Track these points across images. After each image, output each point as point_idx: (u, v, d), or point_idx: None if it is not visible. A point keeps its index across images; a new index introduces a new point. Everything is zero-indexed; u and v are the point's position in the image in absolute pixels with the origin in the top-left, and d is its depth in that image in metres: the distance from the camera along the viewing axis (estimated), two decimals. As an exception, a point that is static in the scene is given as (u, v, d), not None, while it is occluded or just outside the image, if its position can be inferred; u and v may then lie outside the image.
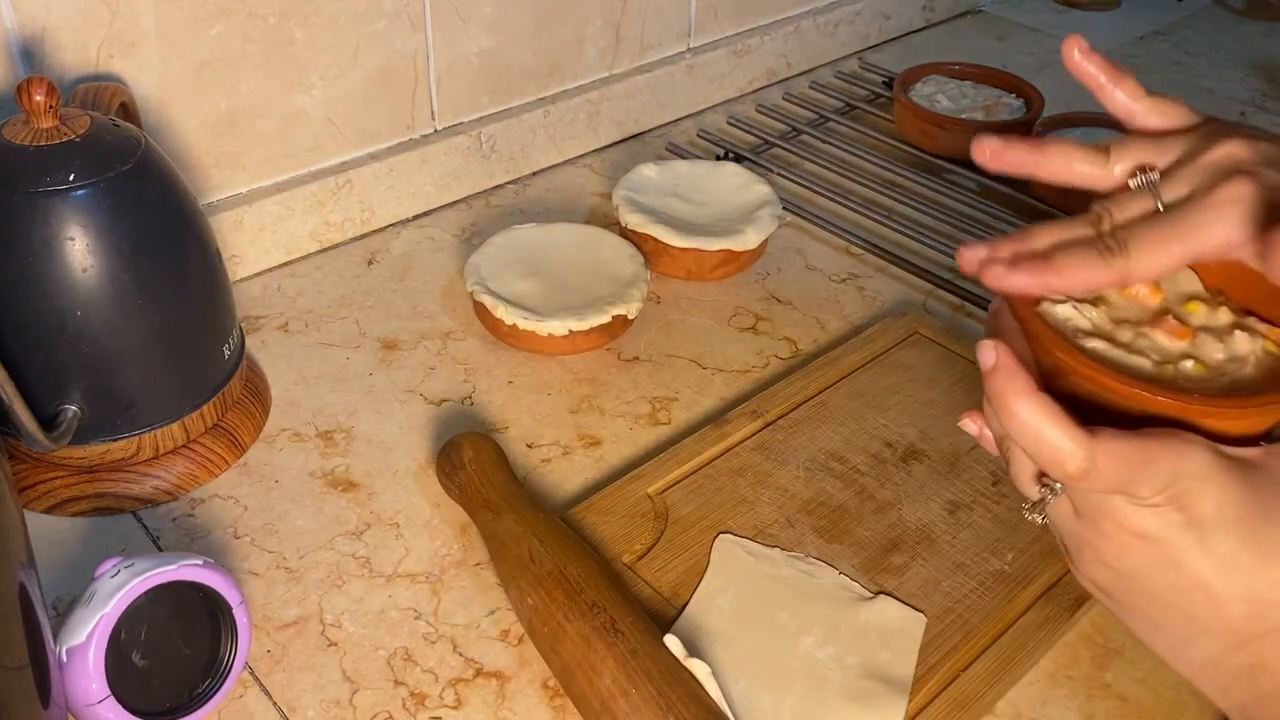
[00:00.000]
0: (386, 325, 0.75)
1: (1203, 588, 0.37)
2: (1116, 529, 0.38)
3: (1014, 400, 0.37)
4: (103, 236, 0.54)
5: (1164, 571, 0.37)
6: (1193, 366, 0.41)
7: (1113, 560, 0.39)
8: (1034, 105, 0.95)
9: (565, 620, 0.50)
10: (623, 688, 0.47)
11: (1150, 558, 0.37)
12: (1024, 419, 0.37)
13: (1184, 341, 0.42)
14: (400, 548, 0.59)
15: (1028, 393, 0.37)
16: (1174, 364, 0.41)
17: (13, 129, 0.55)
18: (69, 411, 0.56)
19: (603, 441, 0.66)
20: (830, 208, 0.89)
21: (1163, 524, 0.37)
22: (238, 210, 0.76)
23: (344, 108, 0.80)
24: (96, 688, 0.45)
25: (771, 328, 0.76)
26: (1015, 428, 0.37)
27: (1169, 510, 0.37)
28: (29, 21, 0.63)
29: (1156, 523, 0.37)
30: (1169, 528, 0.37)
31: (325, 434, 0.66)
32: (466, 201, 0.89)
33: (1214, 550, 0.36)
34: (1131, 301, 0.43)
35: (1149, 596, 0.38)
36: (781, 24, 1.09)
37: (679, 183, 0.84)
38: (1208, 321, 0.43)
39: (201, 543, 0.59)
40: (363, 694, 0.51)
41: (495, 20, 0.85)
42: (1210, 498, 0.36)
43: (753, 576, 0.56)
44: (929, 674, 0.52)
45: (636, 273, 0.74)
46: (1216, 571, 0.36)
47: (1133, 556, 0.38)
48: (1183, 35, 1.26)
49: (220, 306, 0.62)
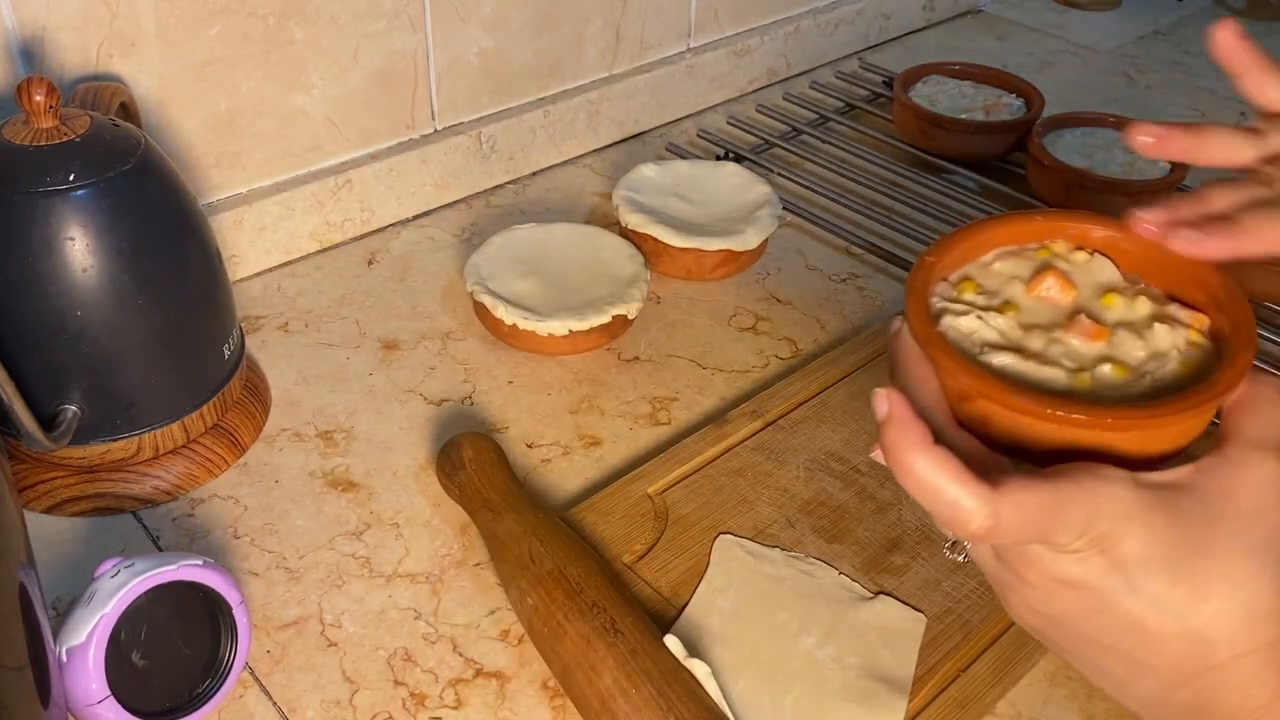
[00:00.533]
0: (386, 325, 0.75)
1: (1136, 629, 0.35)
2: (1039, 576, 0.35)
3: (907, 454, 0.34)
4: (103, 236, 0.54)
5: (1094, 616, 0.35)
6: (1111, 370, 0.38)
7: (1040, 606, 0.37)
8: (1034, 105, 0.95)
9: (565, 620, 0.50)
10: (623, 688, 0.47)
11: (1079, 604, 0.35)
12: (918, 475, 0.34)
13: (1100, 343, 0.39)
14: (400, 548, 0.59)
15: (922, 447, 0.34)
16: (1090, 370, 0.38)
17: (13, 129, 0.55)
18: (69, 411, 0.56)
19: (603, 441, 0.66)
20: (830, 208, 0.89)
21: (1086, 570, 0.34)
22: (238, 210, 0.76)
23: (344, 108, 0.80)
24: (96, 688, 0.45)
25: (771, 328, 0.76)
26: (912, 484, 0.34)
27: (1091, 555, 0.34)
28: (29, 21, 0.63)
29: (1080, 569, 0.34)
30: (1093, 573, 0.34)
31: (325, 434, 0.66)
32: (466, 201, 0.89)
33: (1143, 591, 0.34)
34: (1041, 302, 0.40)
35: (1083, 640, 0.36)
36: (781, 24, 1.09)
37: (679, 183, 0.84)
38: (1125, 315, 0.40)
39: (201, 543, 0.59)
40: (363, 694, 0.51)
41: (495, 20, 0.85)
42: (1134, 537, 0.34)
43: (753, 576, 0.56)
44: (929, 674, 0.52)
45: (636, 273, 0.74)
46: (1149, 613, 0.34)
47: (1060, 603, 0.36)
48: (1183, 35, 1.26)
49: (220, 306, 0.62)
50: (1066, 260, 0.42)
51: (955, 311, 0.39)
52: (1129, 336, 0.39)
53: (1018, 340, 0.38)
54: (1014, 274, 0.41)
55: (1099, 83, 1.14)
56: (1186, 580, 0.34)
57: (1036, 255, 0.42)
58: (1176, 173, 0.85)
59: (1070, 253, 0.42)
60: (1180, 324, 0.39)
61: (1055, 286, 0.40)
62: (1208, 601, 0.34)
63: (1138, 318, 0.40)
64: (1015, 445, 0.37)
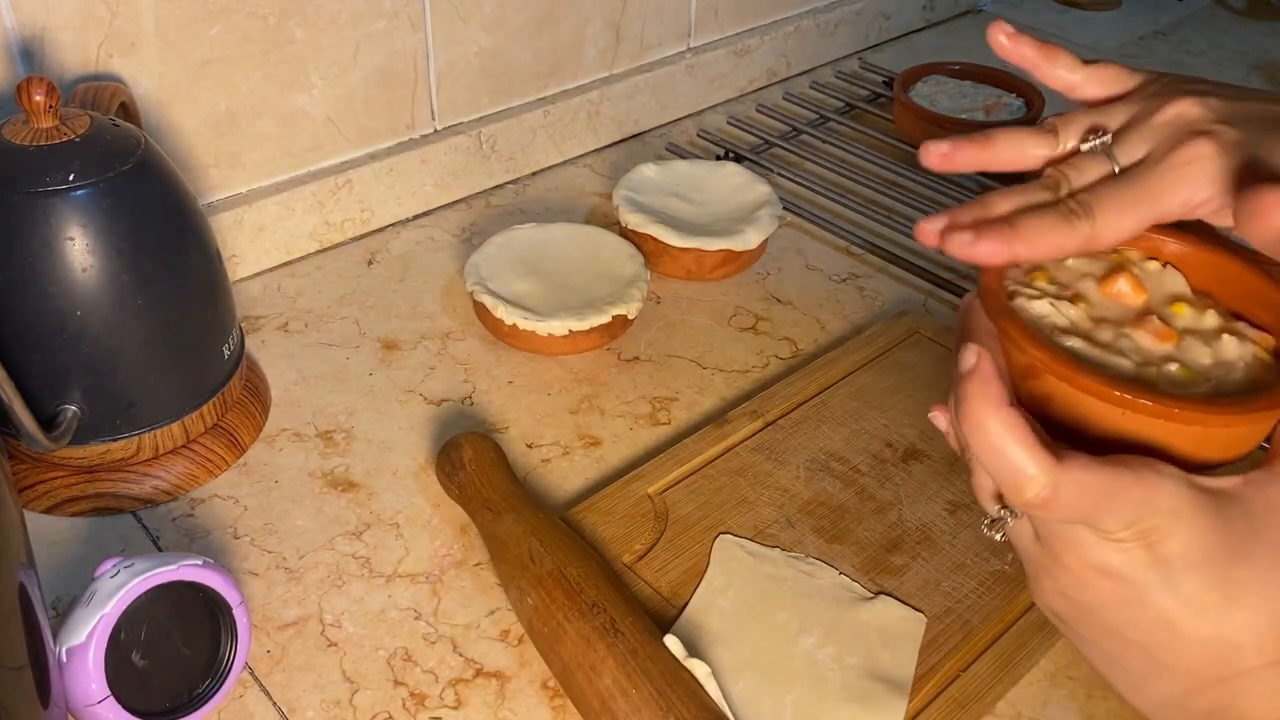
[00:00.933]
0: (386, 325, 0.75)
1: (1166, 627, 0.35)
2: (1078, 562, 0.36)
3: (981, 409, 0.35)
4: (103, 236, 0.54)
5: (1126, 609, 0.36)
6: (1177, 370, 0.38)
7: (1072, 592, 0.37)
8: (1034, 105, 0.95)
9: (565, 620, 0.50)
10: (623, 688, 0.47)
11: (1112, 594, 0.36)
12: (988, 431, 0.34)
13: (1168, 344, 0.39)
14: (400, 548, 0.59)
15: (998, 405, 0.35)
16: (1156, 366, 0.38)
17: (12, 129, 0.55)
18: (69, 411, 0.56)
19: (603, 441, 0.66)
20: (830, 208, 0.89)
21: (1127, 560, 0.35)
22: (238, 210, 0.76)
23: (344, 107, 0.80)
24: (96, 688, 0.45)
25: (771, 328, 0.76)
26: (978, 440, 0.35)
27: (1135, 547, 0.34)
28: (29, 21, 0.63)
29: (1121, 559, 0.35)
30: (1134, 565, 0.35)
31: (325, 434, 0.66)
32: (466, 201, 0.89)
33: (1180, 590, 0.34)
34: (1113, 300, 0.41)
35: (1108, 632, 0.37)
36: (781, 24, 1.09)
37: (679, 183, 0.84)
38: (1193, 324, 0.41)
39: (201, 543, 0.59)
40: (363, 694, 0.51)
41: (495, 20, 0.85)
42: (1179, 535, 0.34)
43: (753, 576, 0.56)
44: (929, 674, 0.52)
45: (636, 273, 0.74)
46: (1182, 612, 0.35)
47: (1093, 591, 0.36)
48: (1183, 35, 1.26)
49: (220, 306, 0.62)
50: (1139, 267, 0.42)
51: (1028, 295, 0.40)
52: (1196, 343, 0.40)
53: (1088, 330, 0.39)
54: (1087, 271, 0.42)
55: (1099, 83, 1.14)
56: (1224, 585, 0.34)
57: (1110, 258, 0.43)
58: None
59: (1143, 261, 0.43)
60: (1248, 339, 0.40)
61: (1128, 287, 0.41)
62: (1241, 609, 0.34)
63: (1206, 328, 0.40)
64: (1074, 427, 0.37)
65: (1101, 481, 0.34)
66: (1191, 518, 0.34)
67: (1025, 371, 0.38)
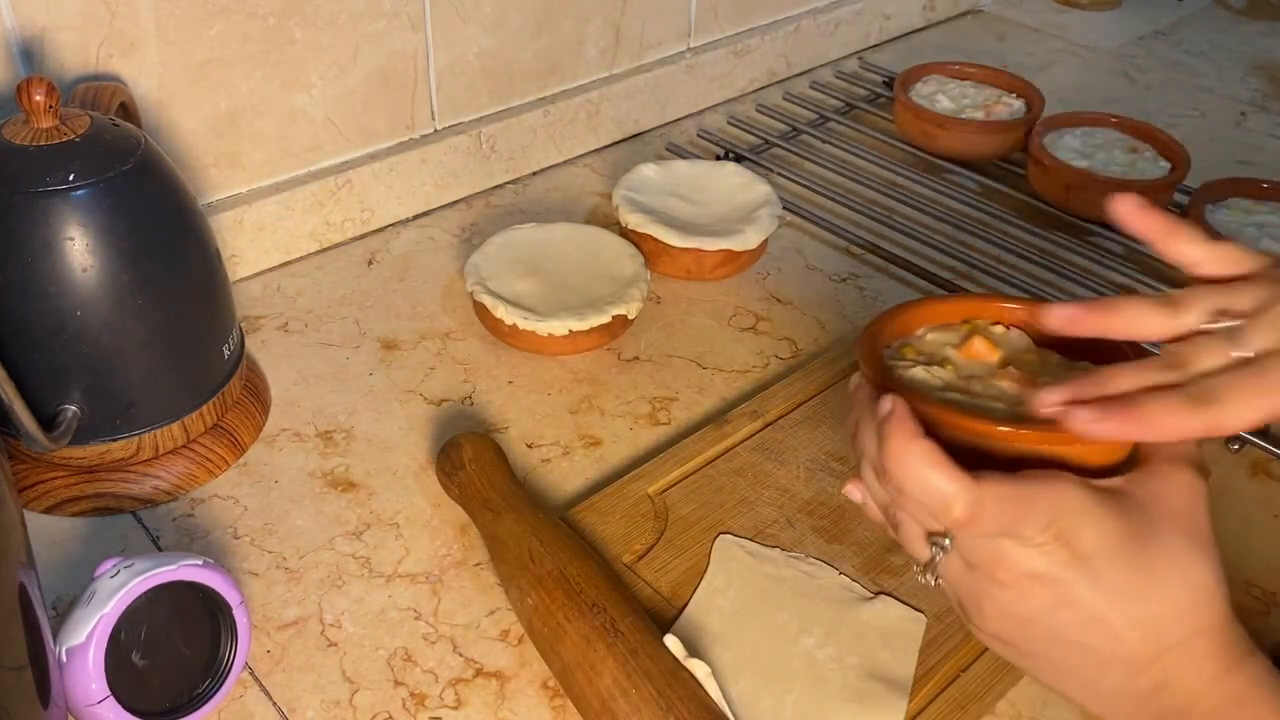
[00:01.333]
0: (386, 325, 0.75)
1: (1098, 619, 0.38)
2: (1010, 574, 0.39)
3: (903, 443, 0.39)
4: (103, 236, 0.54)
5: (1062, 610, 0.39)
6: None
7: (1013, 608, 0.39)
8: (1034, 105, 0.95)
9: (565, 620, 0.50)
10: (623, 688, 0.47)
11: (1047, 598, 0.39)
12: (912, 461, 0.38)
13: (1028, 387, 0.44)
14: (400, 548, 0.59)
15: (916, 437, 0.39)
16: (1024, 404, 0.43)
17: (12, 129, 0.55)
18: (69, 411, 0.56)
19: (603, 441, 0.66)
20: (830, 208, 0.89)
21: (1051, 561, 0.38)
22: (237, 210, 0.76)
23: (344, 107, 0.80)
24: (96, 688, 0.45)
25: (771, 328, 0.76)
26: (904, 470, 0.39)
27: (1055, 547, 0.38)
28: (29, 21, 0.63)
29: (1045, 560, 0.38)
30: (1058, 565, 0.38)
31: (325, 434, 0.66)
32: (466, 201, 0.89)
33: (1102, 580, 0.38)
34: (973, 360, 0.47)
35: (1053, 638, 0.39)
36: (781, 24, 1.09)
37: (679, 183, 0.84)
38: (1045, 368, 0.46)
39: (201, 543, 0.59)
40: (363, 694, 0.51)
41: (495, 20, 0.85)
42: (1090, 530, 0.38)
43: (753, 576, 0.56)
44: (929, 674, 0.52)
45: (636, 273, 0.74)
46: (1109, 601, 0.38)
47: (1031, 600, 0.39)
48: (1183, 35, 1.26)
49: (220, 306, 0.62)
50: (988, 331, 0.49)
51: (903, 367, 0.46)
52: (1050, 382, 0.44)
53: (961, 386, 0.45)
54: (945, 341, 0.48)
55: (1099, 83, 1.14)
56: (1138, 569, 0.38)
57: (961, 328, 0.49)
58: (1176, 173, 0.85)
59: (990, 326, 0.49)
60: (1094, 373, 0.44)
61: (983, 347, 0.47)
62: (1158, 586, 0.38)
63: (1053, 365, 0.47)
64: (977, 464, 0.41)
65: (1015, 491, 0.38)
66: (1096, 514, 0.38)
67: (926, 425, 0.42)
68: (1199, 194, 0.82)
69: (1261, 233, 0.78)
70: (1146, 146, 0.89)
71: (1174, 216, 0.45)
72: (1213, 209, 0.82)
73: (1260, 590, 0.57)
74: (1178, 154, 0.87)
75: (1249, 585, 0.58)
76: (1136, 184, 0.83)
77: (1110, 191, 0.46)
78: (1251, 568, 0.59)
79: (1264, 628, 0.55)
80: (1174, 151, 0.87)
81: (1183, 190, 0.87)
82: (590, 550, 0.54)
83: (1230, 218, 0.81)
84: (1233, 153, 1.00)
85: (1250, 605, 0.56)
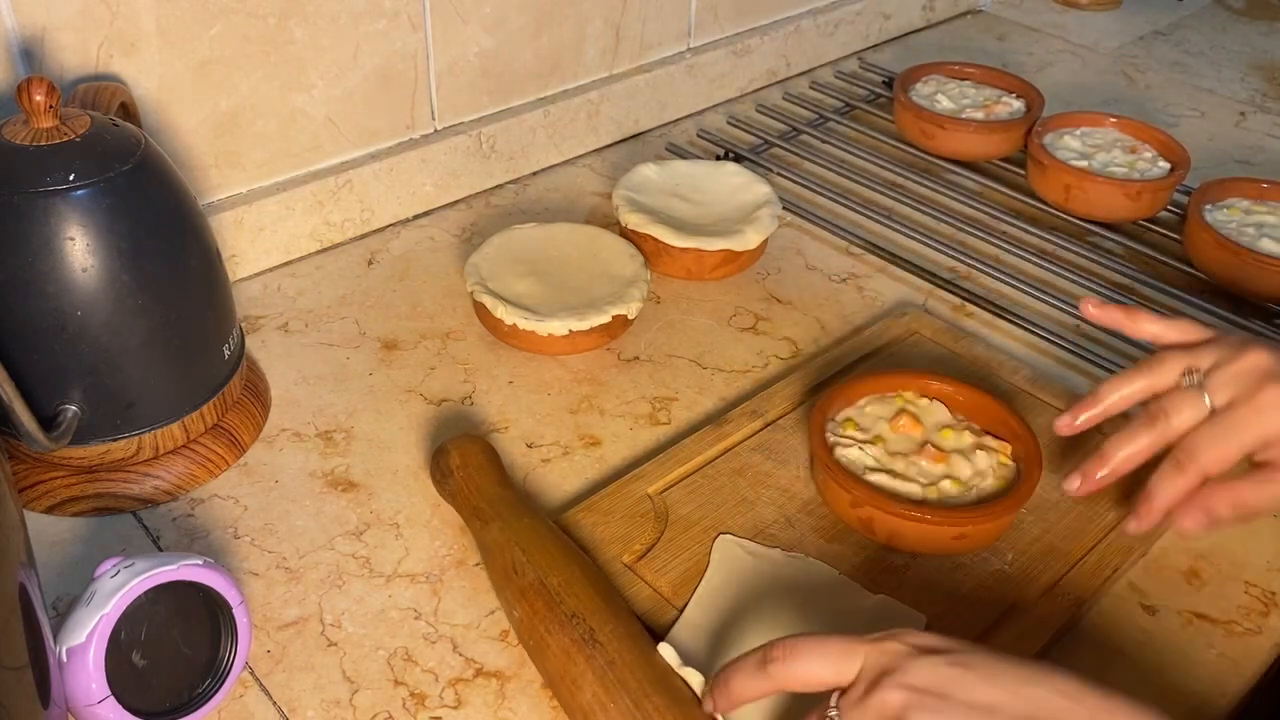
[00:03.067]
0: (386, 325, 0.75)
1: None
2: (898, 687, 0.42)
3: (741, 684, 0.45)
4: (103, 236, 0.54)
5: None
6: (950, 484, 0.58)
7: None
8: (1034, 105, 0.95)
9: (547, 633, 0.50)
10: (601, 702, 0.46)
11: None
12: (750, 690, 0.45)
13: (942, 464, 0.59)
14: (400, 548, 0.59)
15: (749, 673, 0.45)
16: (937, 484, 0.58)
17: (13, 129, 0.55)
18: (69, 411, 0.56)
19: (603, 441, 0.66)
20: (830, 208, 0.89)
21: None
22: (238, 210, 0.76)
23: (344, 108, 0.80)
24: (96, 688, 0.45)
25: (771, 328, 0.76)
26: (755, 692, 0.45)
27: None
28: (29, 21, 0.63)
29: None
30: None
31: (325, 434, 0.66)
32: (466, 201, 0.89)
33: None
34: (900, 434, 0.61)
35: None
36: (781, 24, 1.09)
37: (679, 183, 0.85)
38: (956, 444, 0.60)
39: (201, 543, 0.59)
40: (363, 694, 0.51)
41: (495, 20, 0.85)
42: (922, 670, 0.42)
43: (753, 576, 0.56)
44: (929, 674, 0.52)
45: (636, 273, 0.74)
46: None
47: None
48: (1183, 35, 1.26)
49: (220, 306, 0.62)
50: (914, 405, 0.63)
51: (844, 445, 0.60)
52: (960, 460, 0.59)
53: (887, 464, 0.59)
54: (880, 415, 0.62)
55: (1099, 83, 1.14)
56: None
57: (895, 401, 0.63)
58: (1176, 173, 0.85)
59: (917, 398, 0.63)
60: (993, 450, 0.60)
61: (908, 424, 0.61)
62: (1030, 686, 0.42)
63: (964, 446, 0.60)
64: (889, 538, 0.57)
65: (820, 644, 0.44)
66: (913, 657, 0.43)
67: (852, 502, 0.57)
68: (1198, 194, 0.82)
69: (1261, 233, 0.78)
70: (1146, 146, 0.89)
71: (1129, 305, 0.61)
72: (1212, 209, 0.82)
73: (1260, 590, 0.57)
74: (1177, 154, 0.87)
75: (1249, 585, 0.58)
76: (1135, 184, 0.83)
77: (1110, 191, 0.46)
78: (1252, 568, 0.59)
79: (1264, 628, 0.55)
80: (1174, 151, 0.87)
81: (1182, 190, 0.87)
82: (577, 554, 0.54)
83: (1229, 218, 0.81)
84: (1232, 153, 1.00)
85: (1250, 605, 0.56)
